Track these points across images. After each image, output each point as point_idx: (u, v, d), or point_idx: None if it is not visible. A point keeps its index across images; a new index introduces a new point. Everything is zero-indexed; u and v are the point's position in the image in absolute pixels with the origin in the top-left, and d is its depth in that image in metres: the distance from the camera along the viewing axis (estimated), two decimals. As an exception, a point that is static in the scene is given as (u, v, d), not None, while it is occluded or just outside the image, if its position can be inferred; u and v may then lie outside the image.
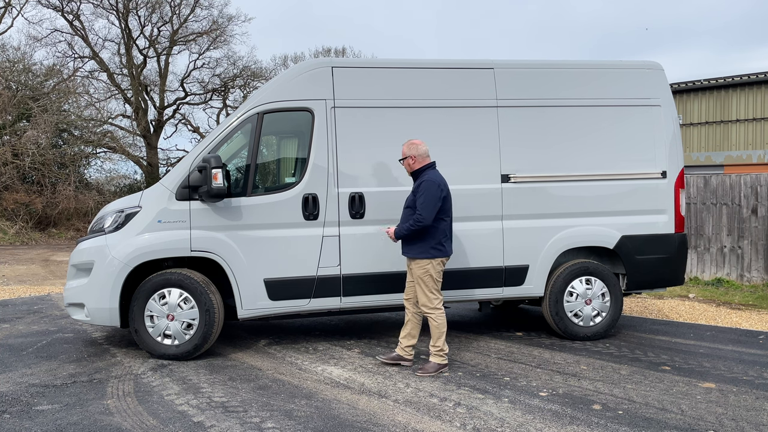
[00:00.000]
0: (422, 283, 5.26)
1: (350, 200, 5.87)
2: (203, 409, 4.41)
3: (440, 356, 5.31)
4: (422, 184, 5.21)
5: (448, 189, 5.29)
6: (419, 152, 5.34)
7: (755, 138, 16.94)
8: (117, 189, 26.09)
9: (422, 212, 5.12)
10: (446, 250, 5.30)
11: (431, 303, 5.27)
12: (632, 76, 6.59)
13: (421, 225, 5.13)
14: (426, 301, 5.28)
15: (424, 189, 5.17)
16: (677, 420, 4.21)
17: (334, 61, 6.13)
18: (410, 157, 5.34)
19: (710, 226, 11.06)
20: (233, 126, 5.87)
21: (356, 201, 5.87)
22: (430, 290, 5.26)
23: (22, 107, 21.43)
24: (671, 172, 6.52)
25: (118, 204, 5.96)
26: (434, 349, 5.32)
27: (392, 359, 5.55)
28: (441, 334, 5.28)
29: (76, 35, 26.55)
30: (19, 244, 19.29)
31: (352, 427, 4.07)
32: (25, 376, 5.20)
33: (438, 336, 5.28)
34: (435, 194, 5.15)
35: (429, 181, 5.19)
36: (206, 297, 5.64)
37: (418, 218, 5.13)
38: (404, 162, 5.41)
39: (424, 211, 5.12)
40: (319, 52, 33.87)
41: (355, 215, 5.88)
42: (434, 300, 5.27)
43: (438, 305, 5.28)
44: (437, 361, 5.31)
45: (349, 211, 5.87)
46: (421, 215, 5.12)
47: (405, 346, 5.53)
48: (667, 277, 6.64)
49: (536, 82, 6.37)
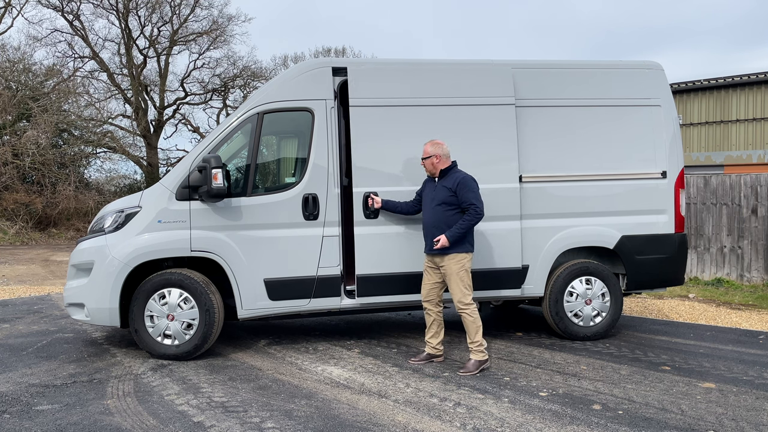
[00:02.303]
0: (458, 279, 5.26)
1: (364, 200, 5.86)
2: (203, 409, 4.41)
3: (480, 352, 5.31)
4: (462, 180, 5.27)
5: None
6: (444, 152, 5.39)
7: (755, 138, 16.94)
8: (117, 189, 26.09)
9: (478, 204, 5.22)
10: (474, 246, 5.42)
11: (466, 299, 5.29)
12: (632, 76, 6.58)
13: (480, 217, 5.25)
14: (461, 297, 5.28)
15: (469, 185, 5.27)
16: (677, 420, 4.22)
17: (334, 61, 6.13)
18: (435, 156, 5.37)
19: (710, 226, 11.06)
20: (233, 126, 5.87)
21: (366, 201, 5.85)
22: (466, 285, 5.28)
23: (22, 107, 21.43)
24: (671, 172, 6.51)
25: (118, 204, 5.96)
26: (473, 345, 5.32)
27: (423, 359, 5.60)
28: (478, 329, 5.30)
29: (76, 35, 26.55)
30: (19, 244, 19.29)
31: (352, 427, 4.07)
32: (25, 376, 5.20)
33: (475, 331, 5.30)
34: (477, 188, 5.30)
35: (467, 177, 5.32)
36: (206, 297, 5.64)
37: (477, 211, 5.21)
38: (427, 161, 5.42)
39: (479, 203, 5.23)
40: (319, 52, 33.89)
41: (369, 215, 5.86)
42: (468, 296, 5.30)
43: (471, 301, 5.31)
44: (478, 358, 5.31)
45: (363, 211, 5.86)
46: (478, 207, 5.21)
47: (435, 344, 5.57)
48: (667, 277, 6.64)
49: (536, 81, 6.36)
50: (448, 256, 5.29)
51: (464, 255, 5.28)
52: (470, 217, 5.22)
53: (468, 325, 5.32)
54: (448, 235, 5.21)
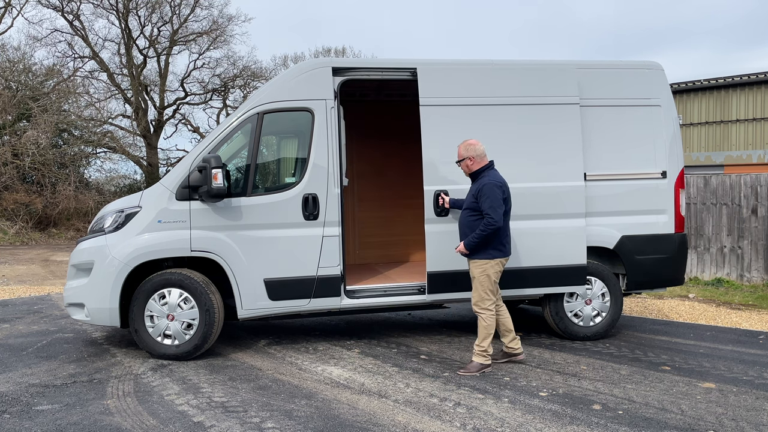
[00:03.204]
0: (478, 283, 5.29)
1: (435, 198, 5.91)
2: (203, 409, 4.40)
3: (483, 356, 5.34)
4: (483, 188, 5.19)
5: (508, 189, 5.30)
6: (477, 153, 5.35)
7: (755, 138, 16.94)
8: (117, 189, 26.07)
9: (492, 214, 5.11)
10: (507, 250, 5.33)
11: (483, 303, 5.30)
12: (632, 76, 6.58)
13: (493, 228, 5.13)
14: (479, 301, 5.31)
15: (487, 192, 5.16)
16: (677, 420, 4.21)
17: (334, 61, 6.14)
18: (468, 158, 5.35)
19: (710, 226, 11.06)
20: (233, 126, 5.87)
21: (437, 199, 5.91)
22: (485, 290, 5.28)
23: (22, 107, 21.42)
24: (671, 172, 6.51)
25: (118, 204, 5.96)
26: (479, 349, 5.34)
27: (501, 359, 5.64)
28: (488, 336, 5.31)
29: (76, 35, 26.52)
30: (19, 244, 19.28)
31: (352, 427, 4.07)
32: (25, 376, 5.20)
33: (485, 336, 5.31)
34: (498, 195, 5.16)
35: (489, 184, 5.19)
36: (206, 297, 5.64)
37: (489, 222, 5.11)
38: (462, 164, 5.42)
39: (494, 213, 5.11)
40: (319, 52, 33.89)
41: (440, 213, 5.91)
42: (487, 301, 5.30)
43: (490, 306, 5.31)
44: (480, 361, 5.34)
45: (434, 209, 5.90)
46: (492, 218, 5.10)
47: (506, 344, 5.61)
48: (667, 277, 6.63)
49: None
50: (471, 261, 5.35)
51: (485, 261, 5.25)
52: (483, 227, 5.15)
53: (480, 329, 5.34)
54: (465, 243, 5.27)
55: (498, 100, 6.13)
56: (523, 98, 6.18)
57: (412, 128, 7.38)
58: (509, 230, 5.39)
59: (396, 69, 6.19)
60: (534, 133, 6.15)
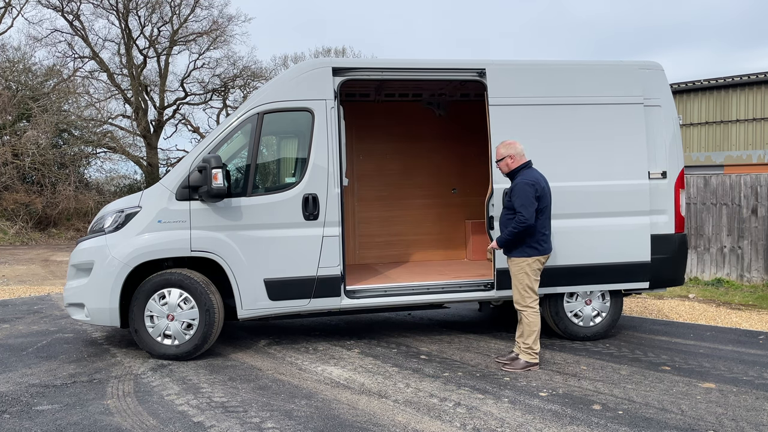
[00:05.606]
0: (517, 281, 5.34)
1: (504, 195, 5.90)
2: (203, 409, 4.41)
3: (530, 354, 5.37)
4: (516, 186, 5.27)
5: (542, 186, 5.31)
6: (517, 151, 5.40)
7: (755, 138, 16.94)
8: (117, 189, 26.08)
9: (523, 213, 5.16)
10: (544, 249, 5.35)
11: (524, 301, 5.33)
12: (632, 76, 6.57)
13: (524, 225, 5.17)
14: (519, 299, 5.35)
15: (518, 191, 5.23)
16: (677, 420, 4.22)
17: (334, 61, 6.14)
18: (508, 156, 5.40)
19: (710, 226, 11.06)
20: (233, 126, 5.87)
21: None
22: (524, 288, 5.32)
23: (22, 107, 21.42)
24: (671, 172, 6.50)
25: (118, 204, 5.96)
26: (524, 347, 5.37)
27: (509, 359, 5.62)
28: (532, 333, 5.33)
29: (76, 35, 26.53)
30: (19, 244, 19.28)
31: (352, 427, 4.07)
32: (25, 376, 5.20)
33: (529, 334, 5.34)
34: (530, 194, 5.20)
35: (521, 182, 5.25)
36: (206, 297, 5.64)
37: (520, 219, 5.17)
38: (501, 163, 5.46)
39: (525, 211, 5.16)
40: (319, 52, 33.87)
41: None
42: (527, 298, 5.32)
43: (531, 303, 5.34)
44: (526, 359, 5.37)
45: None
46: (523, 216, 5.16)
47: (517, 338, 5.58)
48: (667, 277, 6.63)
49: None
50: (509, 259, 5.42)
51: (522, 259, 5.30)
52: (514, 225, 5.21)
53: (523, 327, 5.37)
54: (498, 240, 5.37)
55: (565, 100, 6.25)
56: (591, 98, 6.31)
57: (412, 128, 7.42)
58: (549, 228, 5.41)
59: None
60: (601, 133, 6.27)
